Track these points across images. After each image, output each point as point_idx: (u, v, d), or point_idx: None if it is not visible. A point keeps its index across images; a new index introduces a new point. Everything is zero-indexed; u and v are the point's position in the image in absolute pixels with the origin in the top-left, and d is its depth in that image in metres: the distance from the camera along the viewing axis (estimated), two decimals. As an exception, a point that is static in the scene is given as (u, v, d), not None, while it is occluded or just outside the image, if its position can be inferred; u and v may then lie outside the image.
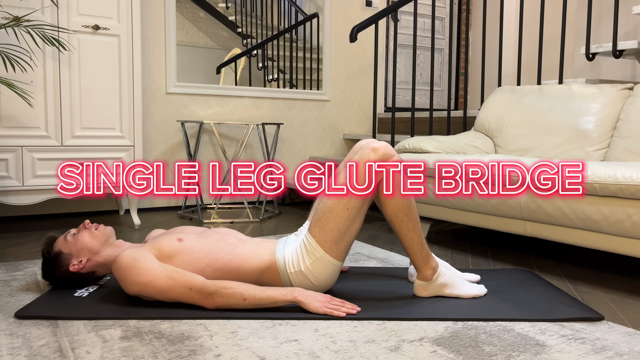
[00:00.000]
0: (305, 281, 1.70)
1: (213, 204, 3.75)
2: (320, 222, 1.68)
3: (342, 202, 1.67)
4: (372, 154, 1.67)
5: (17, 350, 1.34)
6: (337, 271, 1.73)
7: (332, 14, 4.19)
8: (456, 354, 1.34)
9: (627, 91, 2.56)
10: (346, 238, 1.69)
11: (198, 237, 1.75)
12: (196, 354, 1.33)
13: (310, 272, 1.68)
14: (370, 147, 1.68)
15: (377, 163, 1.67)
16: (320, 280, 1.70)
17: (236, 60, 3.81)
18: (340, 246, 1.69)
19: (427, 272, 1.75)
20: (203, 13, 3.67)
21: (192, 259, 1.68)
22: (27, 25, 2.44)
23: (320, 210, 1.70)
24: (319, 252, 1.68)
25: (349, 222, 1.68)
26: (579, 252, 2.56)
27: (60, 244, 1.76)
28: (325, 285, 1.73)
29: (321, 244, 1.68)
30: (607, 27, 3.75)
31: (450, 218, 2.54)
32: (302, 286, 1.70)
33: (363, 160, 1.67)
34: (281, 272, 1.70)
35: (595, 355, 1.35)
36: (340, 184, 1.68)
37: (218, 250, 1.71)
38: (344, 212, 1.67)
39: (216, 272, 1.69)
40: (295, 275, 1.69)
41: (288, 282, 1.71)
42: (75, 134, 2.81)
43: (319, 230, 1.68)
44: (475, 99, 5.00)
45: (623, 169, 1.87)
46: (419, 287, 1.77)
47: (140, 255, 1.62)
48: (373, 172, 1.67)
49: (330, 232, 1.67)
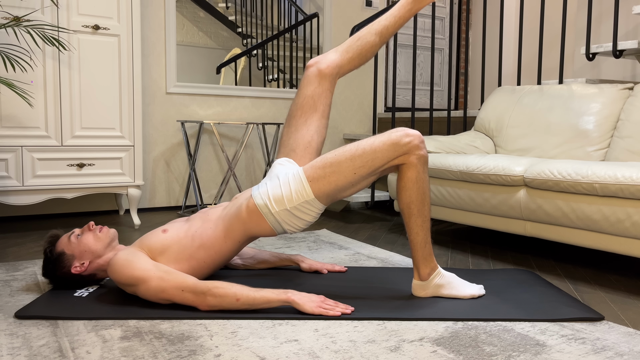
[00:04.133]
0: (291, 219, 1.70)
1: (213, 203, 3.75)
2: (322, 170, 1.66)
3: (354, 164, 1.65)
4: (405, 138, 1.65)
5: (17, 350, 1.34)
6: (317, 216, 1.73)
7: (332, 14, 4.19)
8: (456, 354, 1.34)
9: (627, 91, 2.56)
10: (339, 196, 1.70)
11: (183, 222, 1.77)
12: (196, 354, 1.32)
13: (298, 210, 1.68)
14: (405, 132, 1.67)
15: (405, 150, 1.65)
16: (306, 219, 1.71)
17: (236, 60, 3.81)
18: (329, 199, 1.70)
19: (424, 271, 1.75)
20: (203, 13, 3.67)
21: (180, 247, 1.70)
22: (27, 25, 2.44)
23: (328, 159, 1.67)
24: (309, 197, 1.67)
25: (349, 184, 1.67)
26: (579, 252, 2.56)
27: (63, 244, 1.76)
28: (302, 225, 1.73)
29: (314, 190, 1.67)
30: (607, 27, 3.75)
31: (450, 218, 2.54)
32: (288, 222, 1.71)
33: (392, 138, 1.65)
34: (264, 214, 1.69)
35: (595, 355, 1.35)
36: (361, 147, 1.66)
37: (201, 229, 1.73)
38: (350, 173, 1.65)
39: (208, 251, 1.71)
40: (282, 214, 1.69)
41: (274, 222, 1.70)
42: (75, 134, 2.81)
43: (317, 178, 1.67)
44: (475, 99, 5.00)
45: (623, 169, 1.87)
46: (417, 287, 1.78)
47: (133, 257, 1.62)
48: (397, 155, 1.65)
49: (328, 184, 1.66)
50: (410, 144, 1.65)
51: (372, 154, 1.65)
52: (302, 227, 1.74)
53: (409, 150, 1.65)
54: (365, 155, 1.65)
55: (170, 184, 3.62)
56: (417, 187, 1.68)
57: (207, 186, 3.74)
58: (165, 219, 3.28)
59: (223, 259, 1.76)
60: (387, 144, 1.65)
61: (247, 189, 3.86)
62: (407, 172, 1.67)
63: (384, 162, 1.65)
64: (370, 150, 1.65)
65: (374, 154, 1.65)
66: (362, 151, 1.65)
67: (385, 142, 1.65)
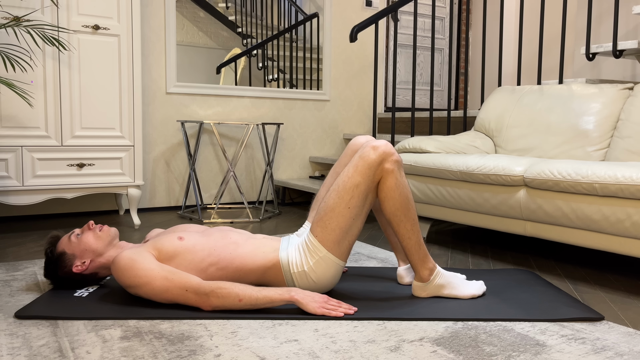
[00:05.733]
0: (308, 281, 1.70)
1: (213, 203, 3.75)
2: (323, 222, 1.68)
3: (343, 201, 1.66)
4: (373, 153, 1.67)
5: (17, 350, 1.34)
6: (340, 271, 1.73)
7: (332, 14, 4.19)
8: (456, 354, 1.34)
9: (627, 91, 2.56)
10: (348, 237, 1.69)
11: (200, 235, 1.74)
12: (196, 354, 1.32)
13: (314, 272, 1.68)
14: (371, 146, 1.68)
15: (378, 161, 1.67)
16: (323, 279, 1.70)
17: (236, 60, 3.81)
18: (342, 245, 1.69)
19: (424, 273, 1.75)
20: (203, 13, 3.67)
21: (194, 258, 1.67)
22: (27, 25, 2.44)
23: (322, 210, 1.69)
24: (321, 252, 1.68)
25: (350, 221, 1.68)
26: (579, 252, 2.56)
27: (64, 244, 1.76)
28: (328, 284, 1.72)
29: (323, 244, 1.68)
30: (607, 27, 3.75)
31: (450, 218, 2.54)
32: (304, 286, 1.70)
33: (363, 159, 1.67)
34: (284, 272, 1.70)
35: (595, 355, 1.35)
36: (342, 182, 1.68)
37: (220, 248, 1.71)
38: (346, 211, 1.66)
39: (219, 272, 1.69)
40: (298, 275, 1.69)
41: (290, 282, 1.71)
42: (75, 134, 2.81)
43: (321, 230, 1.68)
44: (475, 99, 5.00)
45: (623, 169, 1.87)
46: (417, 288, 1.78)
47: (138, 257, 1.61)
48: (374, 171, 1.67)
49: (333, 231, 1.67)
50: (381, 152, 1.66)
51: (353, 181, 1.66)
52: (316, 290, 1.72)
53: (382, 160, 1.66)
54: (348, 187, 1.67)
55: (170, 184, 3.62)
56: (399, 193, 1.69)
57: (207, 186, 3.74)
58: (165, 219, 3.28)
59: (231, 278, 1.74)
60: (361, 165, 1.67)
61: (247, 189, 3.86)
62: (386, 182, 1.68)
63: (367, 183, 1.67)
64: (350, 180, 1.67)
65: (355, 179, 1.66)
66: (343, 185, 1.67)
67: (358, 164, 1.67)
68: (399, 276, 1.91)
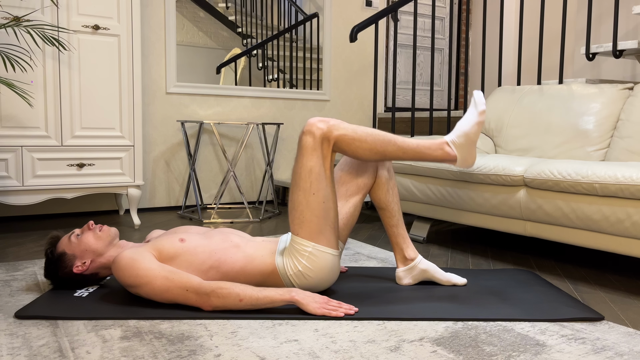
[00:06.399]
0: (307, 280, 1.70)
1: (213, 203, 3.75)
2: (298, 219, 1.68)
3: (305, 190, 1.66)
4: (307, 136, 1.68)
5: (17, 350, 1.34)
6: (337, 261, 1.72)
7: (332, 14, 4.19)
8: (456, 354, 1.34)
9: (627, 91, 2.56)
10: (329, 222, 1.69)
11: (201, 237, 1.74)
12: (196, 354, 1.32)
13: (309, 269, 1.68)
14: (303, 132, 1.70)
15: (319, 139, 1.68)
16: (321, 274, 1.69)
17: (236, 60, 3.81)
18: (326, 232, 1.69)
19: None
20: (203, 13, 3.67)
21: (195, 260, 1.67)
22: (27, 25, 2.44)
23: (292, 208, 1.69)
24: (308, 247, 1.67)
25: (322, 205, 1.67)
26: (579, 252, 2.56)
27: (64, 245, 1.76)
28: (328, 277, 1.72)
29: (307, 238, 1.67)
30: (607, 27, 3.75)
31: (450, 218, 2.54)
32: (305, 286, 1.71)
33: (304, 146, 1.68)
34: (282, 277, 1.71)
35: (595, 355, 1.35)
36: (297, 174, 1.69)
37: (221, 251, 1.70)
38: (313, 198, 1.66)
39: (220, 275, 1.69)
40: (296, 277, 1.69)
41: (290, 285, 1.71)
42: (75, 133, 2.81)
43: (299, 226, 1.68)
44: (475, 99, 4.99)
45: (623, 169, 1.87)
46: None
47: (138, 256, 1.61)
48: (319, 148, 1.68)
49: (310, 222, 1.67)
50: (314, 131, 1.67)
51: (305, 169, 1.68)
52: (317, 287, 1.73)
53: (323, 137, 1.68)
54: (304, 176, 1.68)
55: (170, 184, 3.62)
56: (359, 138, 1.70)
57: (207, 186, 3.74)
58: (165, 219, 3.28)
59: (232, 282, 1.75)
60: (305, 151, 1.68)
61: (247, 189, 3.86)
62: (340, 145, 1.70)
63: (318, 162, 1.67)
64: (303, 169, 1.68)
65: (306, 166, 1.68)
66: (299, 176, 1.68)
67: (303, 153, 1.68)
68: (398, 277, 1.91)
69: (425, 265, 1.89)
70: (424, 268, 1.89)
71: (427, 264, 1.89)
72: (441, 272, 1.90)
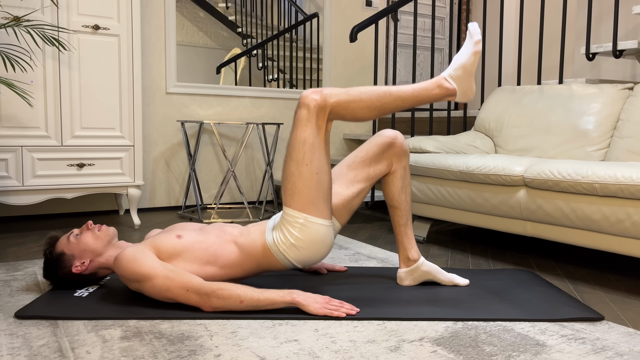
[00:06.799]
0: (300, 252, 1.68)
1: (213, 203, 3.75)
2: (290, 190, 1.66)
3: (299, 161, 1.65)
4: (303, 109, 1.65)
5: (17, 350, 1.34)
6: (329, 232, 1.70)
7: (332, 14, 4.19)
8: (456, 354, 1.34)
9: (627, 91, 2.56)
10: (321, 193, 1.67)
11: (197, 233, 1.74)
12: (196, 354, 1.32)
13: (302, 240, 1.67)
14: (298, 105, 1.67)
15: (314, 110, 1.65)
16: (313, 245, 1.68)
17: (236, 60, 3.81)
18: (319, 204, 1.67)
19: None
20: (203, 13, 3.67)
21: (193, 256, 1.68)
22: (27, 25, 2.44)
23: (285, 179, 1.68)
24: (300, 218, 1.66)
25: (315, 176, 1.66)
26: (579, 252, 2.56)
27: (62, 245, 1.76)
28: (321, 249, 1.70)
29: (299, 209, 1.66)
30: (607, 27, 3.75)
31: (450, 218, 2.54)
32: (299, 258, 1.69)
33: (300, 117, 1.66)
34: (275, 254, 1.69)
35: (595, 355, 1.35)
36: (290, 143, 1.67)
37: (217, 245, 1.71)
38: (306, 169, 1.65)
39: (217, 269, 1.69)
40: (289, 250, 1.68)
41: (285, 260, 1.70)
42: (75, 134, 2.81)
43: (291, 197, 1.66)
44: (475, 99, 5.00)
45: (623, 169, 1.87)
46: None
47: (140, 254, 1.61)
48: (314, 118, 1.65)
49: (302, 193, 1.65)
50: (313, 102, 1.65)
51: (299, 140, 1.65)
52: (311, 259, 1.72)
53: (318, 108, 1.65)
54: (297, 147, 1.65)
55: (170, 184, 3.62)
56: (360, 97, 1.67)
57: (207, 186, 3.74)
58: (165, 219, 3.28)
59: (229, 279, 1.75)
60: (300, 122, 1.65)
61: (247, 189, 3.86)
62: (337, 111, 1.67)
63: (312, 133, 1.65)
64: (297, 140, 1.65)
65: (300, 137, 1.65)
66: (292, 147, 1.66)
67: (297, 124, 1.65)
68: (399, 278, 1.91)
69: (427, 267, 1.89)
70: (426, 270, 1.88)
71: (430, 266, 1.89)
72: (443, 273, 1.90)
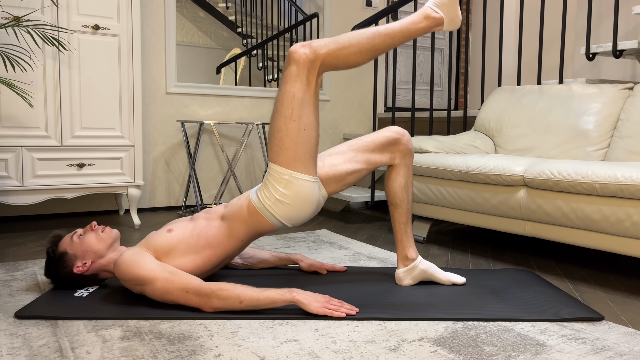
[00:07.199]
0: (285, 208, 1.67)
1: (213, 203, 3.75)
2: (276, 146, 1.65)
3: (287, 116, 1.63)
4: (293, 65, 1.62)
5: (17, 350, 1.34)
6: (315, 188, 1.69)
7: (332, 14, 4.19)
8: (456, 354, 1.34)
9: (627, 91, 2.56)
10: (308, 149, 1.66)
11: (188, 222, 1.77)
12: (196, 354, 1.32)
13: (286, 196, 1.66)
14: (287, 62, 1.64)
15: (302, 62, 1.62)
16: (299, 200, 1.67)
17: (236, 60, 3.81)
18: (305, 161, 1.66)
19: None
20: (203, 13, 3.67)
21: (187, 247, 1.70)
22: (27, 25, 2.44)
23: (272, 135, 1.66)
24: (286, 174, 1.65)
25: (302, 132, 1.64)
26: (579, 252, 2.56)
27: (65, 244, 1.76)
28: (307, 205, 1.69)
29: (285, 165, 1.65)
30: (607, 27, 3.75)
31: (450, 218, 2.54)
32: (285, 214, 1.69)
33: (286, 72, 1.63)
34: (261, 211, 1.69)
35: (595, 355, 1.35)
36: (279, 99, 1.65)
37: (206, 228, 1.73)
38: (293, 124, 1.63)
39: (213, 251, 1.71)
40: (274, 206, 1.67)
41: (271, 217, 1.69)
42: (75, 133, 2.81)
43: (277, 153, 1.65)
44: (475, 99, 5.00)
45: (623, 169, 1.87)
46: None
47: (139, 257, 1.62)
48: (306, 72, 1.62)
49: (288, 149, 1.64)
50: (303, 56, 1.61)
51: (288, 95, 1.62)
52: (298, 216, 1.70)
53: (309, 63, 1.61)
54: (286, 102, 1.62)
55: (170, 184, 3.62)
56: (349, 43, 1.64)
57: (207, 186, 3.74)
58: (165, 219, 3.28)
59: (227, 257, 1.77)
60: (289, 77, 1.62)
61: (247, 189, 3.86)
62: (330, 61, 1.64)
63: (302, 90, 1.62)
64: (285, 96, 1.62)
65: (289, 92, 1.62)
66: (280, 102, 1.63)
67: (286, 79, 1.62)
68: (398, 278, 1.91)
69: (424, 265, 1.89)
70: (423, 268, 1.89)
71: (427, 264, 1.90)
72: (441, 272, 1.90)
